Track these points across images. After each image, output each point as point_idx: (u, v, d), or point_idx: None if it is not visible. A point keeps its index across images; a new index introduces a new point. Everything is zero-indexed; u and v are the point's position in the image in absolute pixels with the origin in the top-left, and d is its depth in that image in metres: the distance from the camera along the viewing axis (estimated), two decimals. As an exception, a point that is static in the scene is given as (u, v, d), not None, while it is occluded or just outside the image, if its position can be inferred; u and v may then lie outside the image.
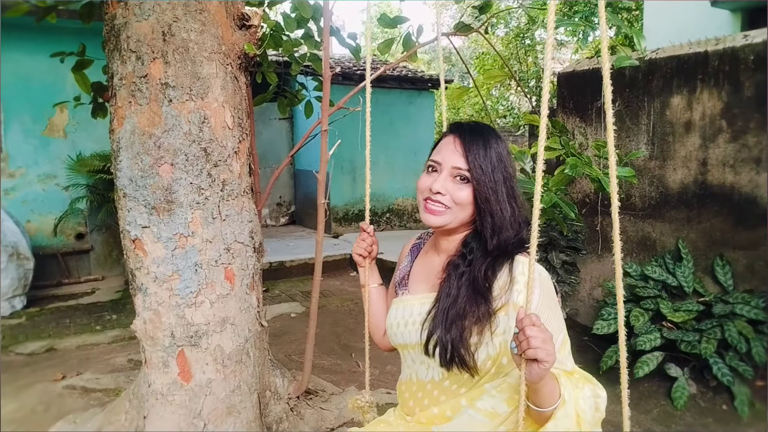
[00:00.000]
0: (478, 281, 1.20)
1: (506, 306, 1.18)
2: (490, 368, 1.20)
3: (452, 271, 1.26)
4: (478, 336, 1.18)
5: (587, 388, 1.13)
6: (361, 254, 1.52)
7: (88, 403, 3.17)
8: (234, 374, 2.45)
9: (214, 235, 2.35)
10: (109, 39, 2.31)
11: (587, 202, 4.34)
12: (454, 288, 1.23)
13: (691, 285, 3.51)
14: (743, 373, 3.09)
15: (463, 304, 1.20)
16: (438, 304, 1.25)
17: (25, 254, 5.20)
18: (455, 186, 1.23)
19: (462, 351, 1.17)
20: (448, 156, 1.25)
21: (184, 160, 2.25)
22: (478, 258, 1.23)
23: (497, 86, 13.42)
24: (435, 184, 1.23)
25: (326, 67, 2.68)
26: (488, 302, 1.18)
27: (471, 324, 1.18)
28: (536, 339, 0.96)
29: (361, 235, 1.52)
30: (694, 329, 3.27)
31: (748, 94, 3.35)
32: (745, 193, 3.40)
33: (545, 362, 0.97)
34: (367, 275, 1.55)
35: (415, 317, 1.31)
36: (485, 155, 1.22)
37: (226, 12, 2.37)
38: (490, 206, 1.21)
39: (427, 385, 1.31)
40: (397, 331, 1.35)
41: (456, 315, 1.19)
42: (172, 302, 2.31)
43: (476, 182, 1.21)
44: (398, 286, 1.44)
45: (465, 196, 1.22)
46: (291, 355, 3.99)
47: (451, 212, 1.24)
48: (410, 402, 1.36)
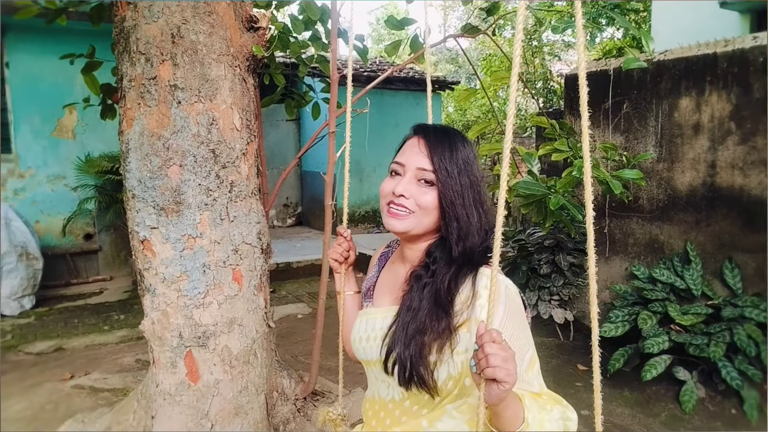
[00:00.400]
0: (441, 293, 1.13)
1: (468, 322, 1.10)
2: (452, 389, 1.12)
3: (414, 282, 1.18)
4: (438, 353, 1.10)
5: (555, 410, 1.06)
6: (337, 259, 1.43)
7: (97, 402, 3.19)
8: (241, 375, 2.46)
9: (222, 236, 2.36)
10: (118, 41, 2.33)
11: (595, 204, 4.32)
12: (416, 300, 1.15)
13: (699, 288, 3.49)
14: (752, 376, 3.07)
15: (423, 318, 1.12)
16: (399, 318, 1.17)
17: (34, 254, 5.24)
18: (419, 189, 1.16)
19: (421, 369, 1.10)
20: (413, 157, 1.18)
21: (193, 161, 2.26)
22: (441, 268, 1.16)
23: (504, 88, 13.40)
24: (398, 186, 1.16)
25: (334, 68, 2.69)
26: (449, 317, 1.11)
27: (431, 340, 1.10)
28: (496, 357, 0.89)
29: (338, 240, 1.44)
30: (703, 332, 3.25)
31: (757, 95, 3.33)
32: (754, 196, 3.37)
33: (505, 383, 0.90)
34: (342, 282, 1.47)
35: (377, 332, 1.23)
36: (451, 158, 1.16)
37: (234, 14, 2.39)
38: (455, 210, 1.15)
39: (388, 405, 1.25)
40: (359, 346, 1.28)
41: (416, 330, 1.12)
42: (180, 303, 2.32)
43: (441, 185, 1.15)
44: (364, 297, 1.37)
45: (430, 200, 1.15)
46: (298, 356, 4.00)
47: (415, 217, 1.17)
48: (373, 421, 1.30)
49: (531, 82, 12.11)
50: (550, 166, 4.62)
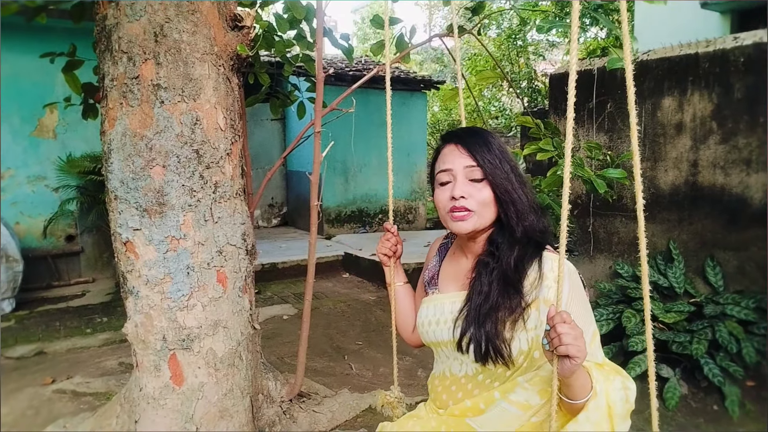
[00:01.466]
0: (509, 273, 1.23)
1: (536, 301, 1.21)
2: (522, 362, 1.23)
3: (482, 269, 1.28)
4: (511, 329, 1.21)
5: (617, 380, 1.15)
6: (386, 254, 1.54)
7: (79, 407, 3.14)
8: (226, 378, 2.44)
9: (206, 237, 2.33)
10: (100, 40, 2.29)
11: (579, 203, 4.35)
12: (486, 285, 1.25)
13: (682, 286, 3.53)
14: (734, 373, 3.11)
15: (495, 298, 1.22)
16: (470, 302, 1.27)
17: (14, 256, 5.15)
18: (474, 188, 1.25)
19: (498, 343, 1.20)
20: (456, 160, 1.26)
21: (176, 162, 2.23)
22: (505, 251, 1.25)
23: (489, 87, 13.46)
24: (456, 190, 1.24)
25: (319, 68, 2.67)
26: (521, 293, 1.21)
27: (504, 317, 1.21)
28: (567, 336, 0.99)
29: (386, 235, 1.55)
30: (686, 330, 3.29)
31: (738, 95, 3.37)
32: (735, 194, 3.42)
33: (577, 358, 1.00)
34: (392, 274, 1.57)
35: (446, 315, 1.33)
36: (489, 150, 1.25)
37: (218, 13, 2.36)
38: (510, 195, 1.24)
39: (461, 380, 1.34)
40: (428, 329, 1.38)
41: (489, 309, 1.22)
42: (163, 305, 2.29)
43: (492, 176, 1.24)
44: (428, 285, 1.46)
45: (487, 195, 1.24)
46: (283, 358, 3.97)
47: (477, 215, 1.25)
48: (443, 395, 1.38)
49: (516, 82, 12.18)
50: (535, 165, 4.64)
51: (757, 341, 3.12)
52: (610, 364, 1.20)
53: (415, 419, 1.45)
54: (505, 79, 3.36)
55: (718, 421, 3.08)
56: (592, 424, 1.10)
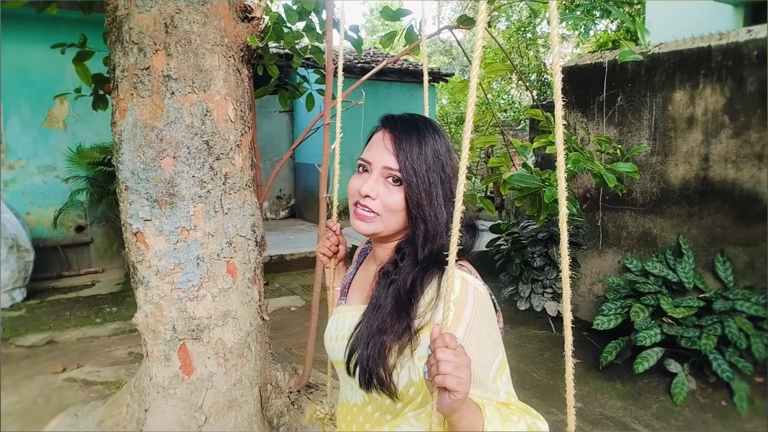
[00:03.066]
0: (401, 293, 1.06)
1: (430, 324, 1.01)
2: (414, 396, 1.05)
3: (382, 279, 1.12)
4: (398, 356, 1.03)
5: (522, 421, 0.96)
6: (325, 254, 1.38)
7: (89, 395, 3.17)
8: (235, 368, 2.46)
9: (216, 228, 2.34)
10: (110, 30, 2.30)
11: (588, 197, 4.33)
12: (382, 298, 1.09)
13: (691, 281, 3.52)
14: (742, 369, 3.10)
15: (386, 318, 1.05)
16: (365, 316, 1.10)
17: (25, 246, 5.20)
18: (387, 189, 1.09)
19: (380, 371, 1.03)
20: (378, 154, 1.11)
21: (186, 153, 2.24)
22: (407, 266, 1.09)
23: (498, 80, 13.39)
24: (364, 186, 1.10)
25: (329, 60, 2.67)
26: (409, 317, 1.03)
27: (391, 341, 1.03)
28: (447, 364, 0.82)
29: (326, 233, 1.38)
30: (695, 325, 3.28)
31: (751, 89, 3.34)
32: (746, 189, 3.39)
33: (456, 392, 0.83)
34: (332, 277, 1.40)
35: (345, 331, 1.17)
36: (419, 153, 1.08)
37: (228, 4, 2.36)
38: (422, 212, 1.07)
39: (353, 409, 1.19)
40: (330, 345, 1.22)
41: (377, 329, 1.05)
42: (173, 296, 2.31)
43: (407, 185, 1.07)
44: (340, 294, 1.31)
45: (397, 201, 1.08)
46: (291, 349, 4.00)
47: (382, 219, 1.10)
48: (342, 425, 1.24)
49: (525, 75, 12.11)
50: (544, 158, 4.62)
51: (767, 337, 3.10)
52: (518, 404, 1.01)
53: None
54: (515, 72, 3.34)
55: (726, 416, 3.07)
56: None
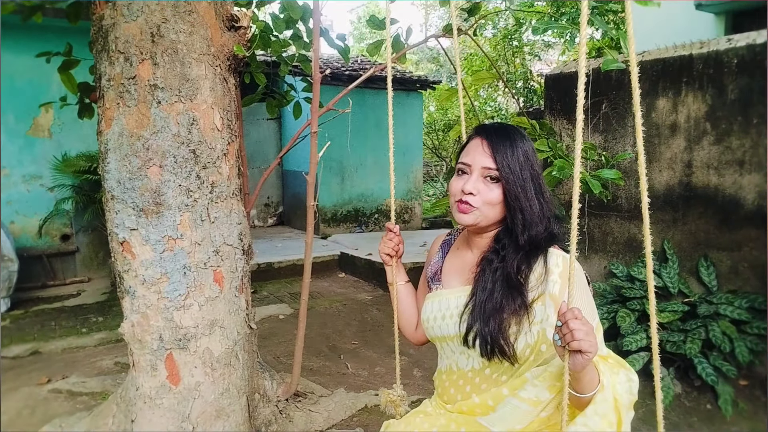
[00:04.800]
0: (512, 276, 1.25)
1: (543, 296, 1.24)
2: (529, 356, 1.25)
3: (486, 266, 1.30)
4: (516, 326, 1.24)
5: (622, 372, 1.19)
6: (389, 253, 1.55)
7: (75, 406, 3.14)
8: (223, 377, 2.45)
9: (203, 237, 2.34)
10: (96, 39, 2.29)
11: (574, 204, 4.37)
12: (489, 282, 1.27)
13: (676, 286, 3.56)
14: (727, 372, 3.14)
15: (499, 298, 1.24)
16: (474, 297, 1.29)
17: (9, 256, 5.14)
18: (486, 187, 1.27)
19: (501, 342, 1.23)
20: (477, 157, 1.29)
21: (173, 162, 2.24)
22: (510, 253, 1.28)
23: (485, 87, 13.48)
24: (467, 185, 1.28)
25: (316, 69, 2.68)
26: (523, 296, 1.23)
27: (509, 316, 1.23)
28: (580, 332, 1.01)
29: (388, 235, 1.56)
30: (679, 329, 3.31)
31: (731, 97, 3.40)
32: (728, 195, 3.45)
33: (589, 353, 1.02)
34: (394, 273, 1.58)
35: (452, 310, 1.36)
36: (513, 154, 1.27)
37: (215, 13, 2.36)
38: (519, 203, 1.26)
39: (468, 374, 1.36)
40: (434, 324, 1.39)
41: (493, 308, 1.24)
42: (160, 305, 2.30)
43: (506, 181, 1.26)
44: (431, 281, 1.48)
45: (495, 196, 1.27)
46: (279, 357, 3.98)
47: (480, 212, 1.28)
48: (451, 390, 1.40)
49: (511, 82, 12.20)
50: (531, 165, 4.66)
51: (750, 341, 3.14)
52: (614, 357, 1.23)
53: (423, 416, 1.44)
54: (501, 80, 3.37)
55: (712, 419, 3.10)
56: (600, 416, 1.13)
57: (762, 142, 3.27)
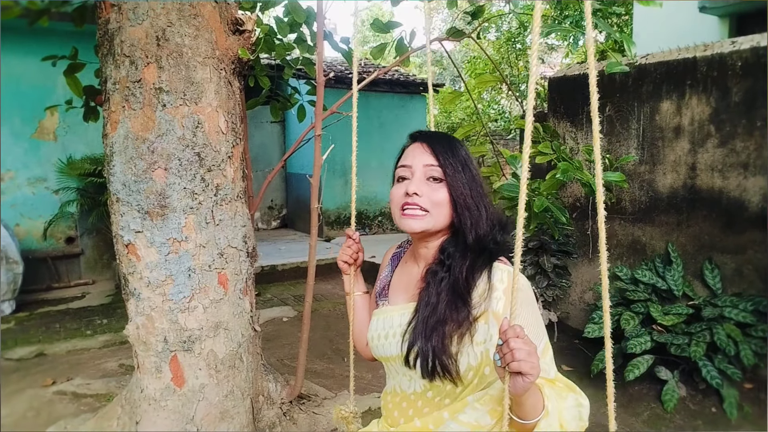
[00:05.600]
0: (458, 284, 1.17)
1: (486, 314, 1.15)
2: (472, 379, 1.17)
3: (431, 278, 1.22)
4: (458, 344, 1.15)
5: (570, 397, 1.11)
6: (346, 261, 1.48)
7: (79, 408, 3.15)
8: (227, 379, 2.45)
9: (207, 239, 2.35)
10: (102, 43, 2.31)
11: (578, 206, 4.37)
12: (434, 295, 1.19)
13: (680, 288, 3.55)
14: (732, 375, 3.12)
15: (443, 310, 1.16)
16: (418, 314, 1.21)
17: (14, 258, 5.16)
18: (430, 187, 1.21)
19: (444, 359, 1.14)
20: (418, 158, 1.23)
21: (178, 164, 2.25)
22: (457, 260, 1.20)
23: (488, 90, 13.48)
24: (410, 186, 1.20)
25: (320, 72, 2.69)
26: (468, 306, 1.15)
27: (451, 330, 1.14)
28: (520, 351, 0.93)
29: (347, 242, 1.48)
30: (684, 332, 3.30)
31: (735, 99, 3.40)
32: (733, 198, 3.44)
33: (529, 375, 0.94)
34: (352, 283, 1.51)
35: (395, 329, 1.27)
36: (454, 155, 1.22)
37: (219, 17, 2.38)
38: (466, 200, 1.20)
39: (410, 396, 1.28)
40: (378, 343, 1.32)
41: (436, 322, 1.16)
42: (165, 307, 2.30)
43: (450, 178, 1.20)
44: (378, 296, 1.40)
45: (442, 196, 1.20)
46: (283, 360, 3.98)
47: (430, 216, 1.20)
48: (395, 412, 1.33)
49: (515, 85, 12.21)
50: (535, 168, 4.66)
51: (755, 344, 3.13)
52: (563, 380, 1.15)
53: None
54: (504, 82, 3.38)
55: (716, 423, 3.09)
56: None
57: (766, 145, 3.26)
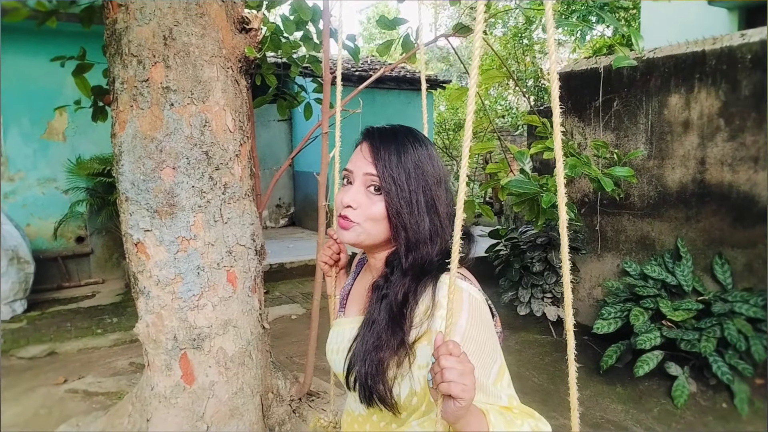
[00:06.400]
0: (394, 307, 1.05)
1: (428, 333, 1.02)
2: (417, 405, 1.05)
3: (374, 293, 1.11)
4: (396, 369, 1.03)
5: (526, 424, 0.96)
6: (326, 262, 1.38)
7: (91, 406, 3.18)
8: (236, 377, 2.46)
9: (216, 238, 2.36)
10: (110, 43, 2.32)
11: (586, 202, 4.35)
12: (375, 313, 1.08)
13: (690, 284, 3.53)
14: (742, 371, 3.11)
15: (380, 333, 1.05)
16: (360, 331, 1.10)
17: (25, 258, 5.21)
18: (369, 199, 1.08)
19: (379, 387, 1.03)
20: (359, 164, 1.11)
21: (186, 163, 2.26)
22: (397, 279, 1.08)
23: (495, 86, 13.45)
24: (345, 196, 1.09)
25: (326, 69, 2.69)
26: (403, 332, 1.03)
27: (387, 357, 1.03)
28: (451, 371, 0.83)
29: (327, 242, 1.38)
30: (694, 328, 3.29)
31: (745, 92, 3.36)
32: (743, 192, 3.41)
33: (461, 399, 0.83)
34: (334, 285, 1.40)
35: (345, 344, 1.16)
36: (398, 162, 1.07)
37: (226, 16, 2.38)
38: (402, 220, 1.06)
39: (358, 418, 1.19)
40: (331, 357, 1.22)
41: (373, 346, 1.05)
42: (174, 305, 2.32)
43: (386, 193, 1.06)
44: (339, 306, 1.31)
45: (378, 210, 1.07)
46: (292, 357, 4.00)
47: (362, 228, 1.09)
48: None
49: (522, 81, 12.16)
50: (542, 164, 4.64)
51: (766, 339, 3.11)
52: (520, 407, 1.01)
53: None
54: (511, 78, 3.37)
55: (727, 419, 3.07)
56: None
57: (777, 138, 3.23)
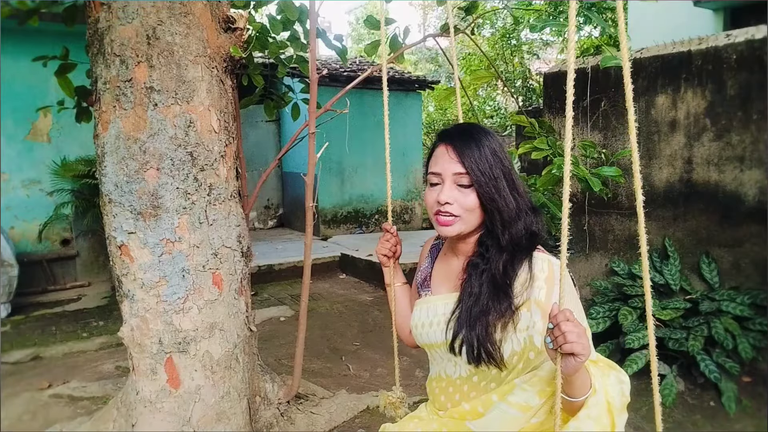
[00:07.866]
0: (498, 277, 1.24)
1: (528, 302, 1.22)
2: (516, 363, 1.24)
3: (472, 270, 1.29)
4: (501, 331, 1.22)
5: (613, 375, 1.17)
6: (386, 254, 1.55)
7: (75, 411, 3.12)
8: (223, 380, 2.44)
9: (201, 240, 2.33)
10: (92, 43, 2.28)
11: (575, 202, 4.36)
12: (476, 286, 1.26)
13: (677, 283, 3.54)
14: (730, 369, 3.12)
15: (485, 301, 1.23)
16: (461, 303, 1.28)
17: (9, 261, 5.13)
18: (460, 193, 1.25)
19: (488, 346, 1.21)
20: (446, 165, 1.27)
21: (170, 164, 2.23)
22: (494, 255, 1.27)
23: (484, 87, 13.48)
24: (441, 195, 1.26)
25: (313, 69, 2.67)
26: (510, 297, 1.22)
27: (494, 320, 1.22)
28: (572, 334, 1.00)
29: (385, 236, 1.55)
30: (682, 327, 3.30)
31: (731, 92, 3.39)
32: (729, 191, 3.43)
33: (581, 355, 1.01)
34: (392, 275, 1.58)
35: (439, 317, 1.35)
36: (480, 155, 1.24)
37: (211, 15, 2.36)
38: (496, 204, 1.24)
39: (456, 381, 1.35)
40: (422, 331, 1.39)
41: (479, 312, 1.23)
42: (159, 308, 2.29)
43: (478, 185, 1.24)
44: (420, 287, 1.47)
45: (472, 201, 1.25)
46: (280, 360, 3.97)
47: (462, 220, 1.26)
48: (441, 397, 1.40)
49: (510, 81, 12.20)
50: (530, 164, 4.65)
51: (753, 337, 3.13)
52: (603, 360, 1.22)
53: (417, 420, 1.45)
54: (500, 79, 3.37)
55: (715, 417, 3.08)
56: (593, 420, 1.12)
57: (762, 138, 3.26)
